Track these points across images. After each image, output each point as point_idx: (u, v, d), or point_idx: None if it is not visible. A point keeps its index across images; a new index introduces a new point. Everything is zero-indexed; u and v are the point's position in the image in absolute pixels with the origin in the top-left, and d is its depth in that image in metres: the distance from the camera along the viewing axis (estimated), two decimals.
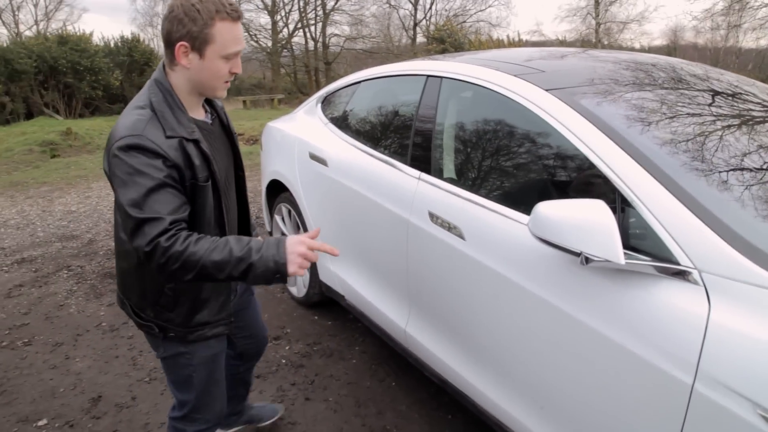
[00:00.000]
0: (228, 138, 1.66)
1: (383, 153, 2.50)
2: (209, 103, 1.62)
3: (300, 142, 3.10)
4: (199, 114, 1.54)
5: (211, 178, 1.46)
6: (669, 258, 1.40)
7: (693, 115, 1.79)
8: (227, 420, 2.23)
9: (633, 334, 1.42)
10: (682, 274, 1.37)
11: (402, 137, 2.46)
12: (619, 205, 1.53)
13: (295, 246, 1.36)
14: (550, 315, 1.63)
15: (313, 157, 2.95)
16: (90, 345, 3.12)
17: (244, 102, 19.52)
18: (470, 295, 1.94)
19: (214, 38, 1.36)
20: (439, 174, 2.16)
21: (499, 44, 19.98)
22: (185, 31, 1.35)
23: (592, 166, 1.62)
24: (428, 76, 2.34)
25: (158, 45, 29.55)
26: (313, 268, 3.14)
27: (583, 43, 25.03)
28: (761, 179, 1.57)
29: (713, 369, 1.27)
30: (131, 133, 1.32)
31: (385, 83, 2.77)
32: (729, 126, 1.77)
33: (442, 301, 2.11)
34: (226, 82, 1.46)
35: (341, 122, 2.97)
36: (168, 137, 1.36)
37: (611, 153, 1.58)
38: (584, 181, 1.69)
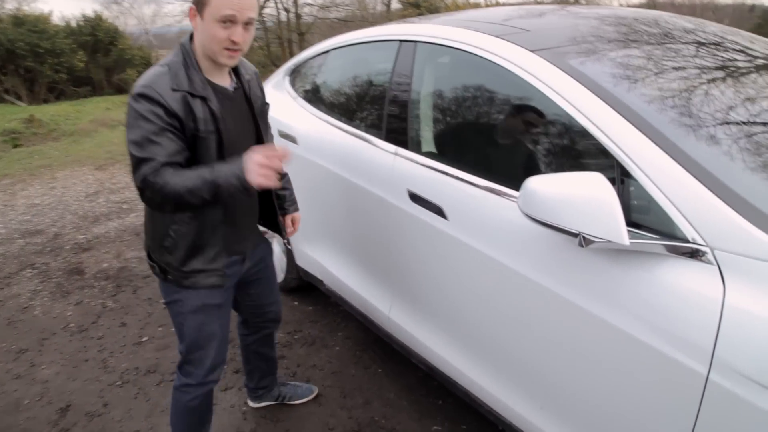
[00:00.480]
0: (250, 110, 1.73)
1: (356, 127, 2.31)
2: (236, 73, 1.69)
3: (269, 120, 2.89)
4: (222, 80, 1.63)
5: (217, 136, 1.56)
6: (677, 235, 1.25)
7: (695, 73, 1.62)
8: (255, 393, 2.34)
9: (639, 320, 1.28)
10: (692, 253, 1.22)
11: (376, 110, 2.27)
12: (619, 176, 1.37)
13: (252, 156, 1.46)
14: (544, 300, 1.49)
15: (283, 135, 2.75)
16: (57, 349, 2.93)
17: None
18: (456, 279, 1.79)
19: (209, 0, 1.45)
20: (416, 148, 1.98)
21: (476, 6, 19.53)
22: None
23: (586, 134, 1.46)
24: (401, 41, 2.14)
25: (124, 23, 28.55)
26: (290, 253, 2.97)
27: (563, 2, 24.59)
28: None
29: (730, 357, 1.13)
30: (143, 84, 1.47)
31: (355, 51, 2.56)
32: (737, 83, 1.61)
33: (426, 286, 1.96)
34: (230, 50, 1.52)
35: (311, 96, 2.76)
36: (173, 90, 1.48)
37: (607, 118, 1.41)
38: (578, 150, 1.52)
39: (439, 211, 1.79)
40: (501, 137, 1.77)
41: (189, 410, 1.87)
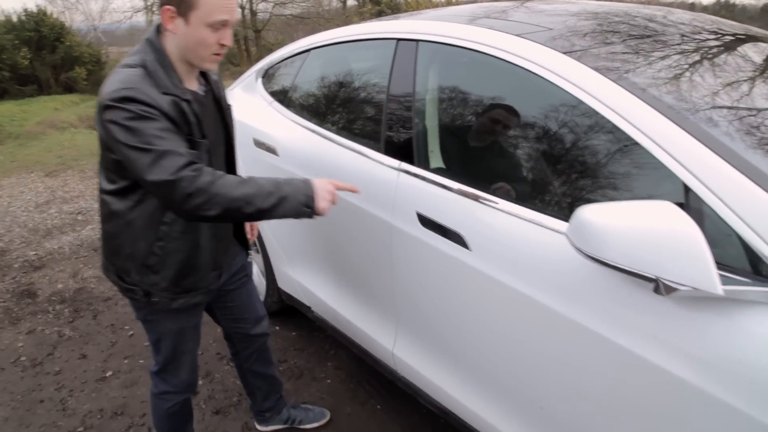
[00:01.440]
0: (219, 113, 1.61)
1: (347, 138, 2.05)
2: (204, 76, 1.56)
3: (241, 126, 2.59)
4: (192, 84, 1.48)
5: (207, 141, 1.46)
6: None
7: (752, 78, 1.43)
8: (261, 416, 2.21)
9: (734, 385, 1.07)
10: None
11: (370, 119, 2.01)
12: (688, 203, 1.16)
13: (324, 184, 1.46)
14: (601, 350, 1.27)
15: (259, 144, 2.47)
16: (6, 388, 2.58)
17: None
18: (478, 316, 1.56)
19: (198, 3, 1.32)
20: (424, 164, 1.74)
21: (437, 5, 19.31)
22: None
23: (642, 151, 1.24)
24: (399, 39, 1.89)
25: (69, 18, 27.30)
26: (270, 273, 2.69)
27: None
28: None
29: None
30: (125, 86, 1.29)
31: (340, 50, 2.29)
32: None
33: (439, 320, 1.72)
34: (216, 54, 1.41)
35: (290, 101, 2.48)
36: (163, 93, 1.34)
37: (669, 133, 1.20)
38: (632, 172, 1.31)
39: (458, 239, 1.55)
40: (531, 153, 1.54)
41: (170, 415, 1.84)
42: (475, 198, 1.54)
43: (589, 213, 1.15)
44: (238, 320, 1.92)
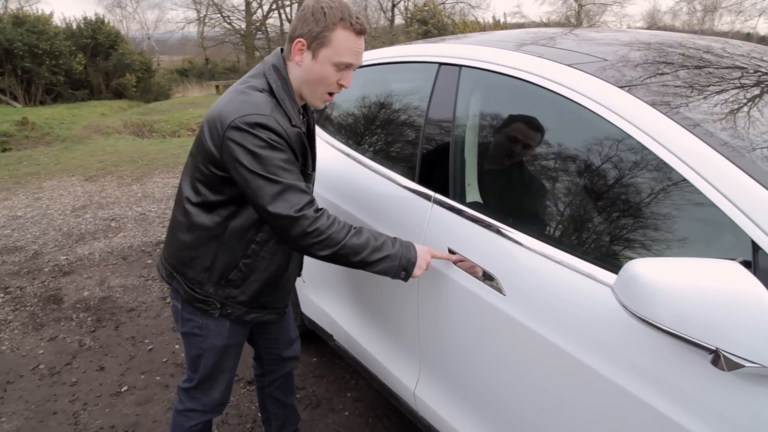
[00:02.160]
0: (310, 143, 1.58)
1: (380, 162, 1.95)
2: (304, 107, 1.57)
3: None
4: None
5: (310, 176, 1.54)
6: None
7: None
8: None
9: None
10: None
11: (405, 144, 1.91)
12: (756, 263, 1.02)
13: (424, 253, 1.49)
14: (644, 417, 1.12)
15: None
16: (22, 396, 2.55)
17: (217, 87, 18.66)
18: (511, 366, 1.43)
19: (330, 42, 1.36)
20: (460, 197, 1.63)
21: (485, 27, 19.30)
22: (306, 30, 1.37)
23: (704, 200, 1.10)
24: (441, 63, 1.79)
25: (126, 27, 28.36)
26: (294, 297, 2.60)
27: (568, 24, 24.56)
28: None
29: None
30: (258, 112, 1.32)
31: (379, 72, 2.21)
32: None
33: (466, 364, 1.60)
34: (330, 93, 1.46)
35: (322, 119, 2.41)
36: (293, 125, 1.39)
37: (736, 183, 1.06)
38: (693, 223, 1.17)
39: (491, 281, 1.43)
40: (577, 193, 1.41)
41: None
42: (514, 239, 1.42)
43: (640, 268, 1.01)
44: (275, 341, 1.87)
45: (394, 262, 1.42)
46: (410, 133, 1.90)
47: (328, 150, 2.21)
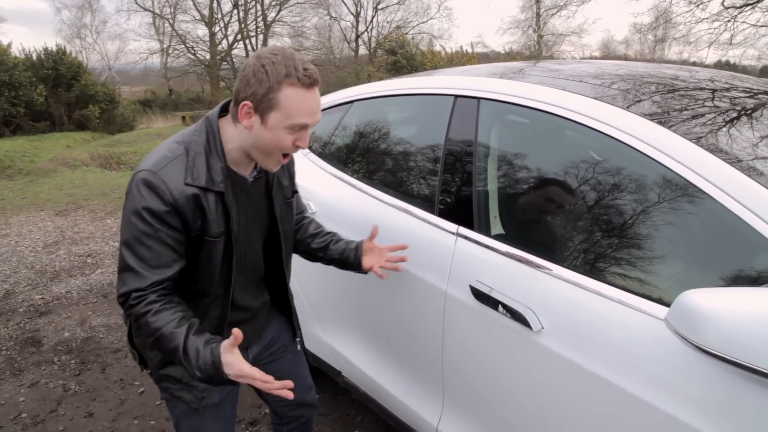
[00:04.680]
0: (269, 203, 1.49)
1: (396, 196, 1.93)
2: None
3: None
4: (244, 168, 1.39)
5: (226, 235, 1.35)
6: None
7: None
8: None
9: None
10: None
11: (422, 177, 1.90)
12: None
13: (234, 366, 1.20)
14: None
15: None
16: None
17: (183, 118, 18.46)
18: (549, 400, 1.41)
19: (279, 104, 1.23)
20: (485, 229, 1.62)
21: (452, 56, 19.75)
22: (250, 92, 1.24)
23: (744, 226, 1.12)
24: (457, 96, 1.80)
25: (86, 58, 27.91)
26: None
27: (531, 54, 25.36)
28: None
29: None
30: (151, 168, 1.25)
31: (387, 104, 2.21)
32: None
33: (498, 401, 1.57)
34: (285, 155, 1.33)
35: (328, 152, 2.38)
36: (186, 184, 1.26)
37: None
38: (739, 252, 1.18)
39: (521, 315, 1.41)
40: (608, 223, 1.42)
41: None
42: (546, 270, 1.41)
43: (699, 298, 1.02)
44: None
45: (200, 363, 1.21)
46: (427, 166, 1.89)
47: (338, 185, 2.18)
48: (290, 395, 1.21)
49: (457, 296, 1.60)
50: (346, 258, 1.68)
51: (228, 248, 1.37)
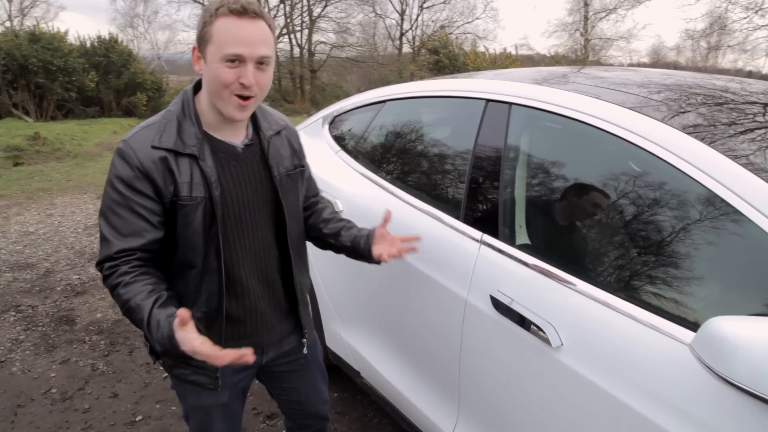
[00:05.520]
0: (267, 172, 1.41)
1: (422, 199, 1.91)
2: (256, 127, 1.41)
3: None
4: (231, 135, 1.36)
5: (207, 204, 1.29)
6: None
7: None
8: None
9: None
10: None
11: (449, 181, 1.88)
12: None
13: (186, 341, 1.13)
14: None
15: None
16: (32, 422, 2.47)
17: None
18: (565, 416, 1.37)
19: (212, 37, 1.21)
20: (509, 238, 1.58)
21: (495, 58, 19.53)
22: (196, 35, 1.26)
23: None
24: (488, 100, 1.77)
25: (137, 46, 28.70)
26: (318, 328, 2.54)
27: (577, 58, 24.86)
28: None
29: None
30: (125, 138, 1.28)
31: (419, 105, 2.19)
32: None
33: (513, 411, 1.53)
34: (239, 96, 1.24)
35: (359, 151, 2.38)
36: (153, 147, 1.25)
37: None
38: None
39: (541, 329, 1.37)
40: (641, 240, 1.37)
41: None
42: (569, 284, 1.37)
43: (726, 326, 0.97)
44: (297, 403, 1.71)
45: (157, 334, 1.18)
46: (454, 171, 1.86)
47: (366, 184, 2.17)
48: (250, 359, 1.14)
49: (477, 305, 1.57)
50: (356, 245, 1.57)
51: (211, 215, 1.31)
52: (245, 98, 1.25)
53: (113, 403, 2.62)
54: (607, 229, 1.46)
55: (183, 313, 1.12)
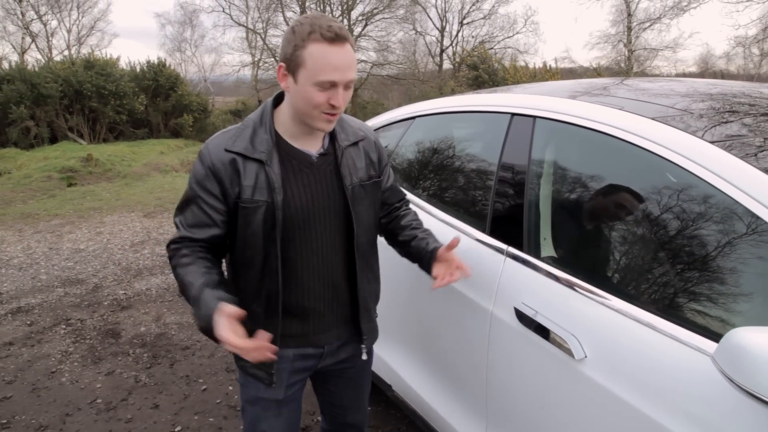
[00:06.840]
0: (339, 182, 1.45)
1: (448, 212, 1.93)
2: (333, 137, 1.45)
3: None
4: (309, 144, 1.42)
5: (269, 207, 1.36)
6: None
7: None
8: None
9: None
10: None
11: (475, 195, 1.89)
12: None
13: (220, 329, 1.21)
14: None
15: None
16: (79, 430, 2.57)
17: None
18: (587, 429, 1.35)
19: (304, 62, 1.26)
20: (534, 251, 1.58)
21: (535, 72, 19.39)
22: (283, 54, 1.31)
23: None
24: (513, 114, 1.78)
25: (184, 69, 29.77)
26: None
27: (620, 70, 24.41)
28: None
29: None
30: (207, 141, 1.40)
31: (447, 120, 2.22)
32: None
33: (541, 425, 1.52)
34: (328, 114, 1.31)
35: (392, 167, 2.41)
36: (226, 150, 1.35)
37: None
38: None
39: (563, 344, 1.36)
40: (666, 254, 1.35)
41: None
42: (594, 296, 1.36)
43: (751, 338, 0.95)
44: (336, 407, 1.74)
45: (197, 313, 1.29)
46: (480, 184, 1.87)
47: None
48: (270, 356, 1.20)
49: (502, 317, 1.57)
50: (420, 260, 1.59)
51: (272, 218, 1.37)
52: (332, 114, 1.32)
53: (154, 413, 2.71)
54: (630, 240, 1.44)
55: (232, 309, 1.22)
